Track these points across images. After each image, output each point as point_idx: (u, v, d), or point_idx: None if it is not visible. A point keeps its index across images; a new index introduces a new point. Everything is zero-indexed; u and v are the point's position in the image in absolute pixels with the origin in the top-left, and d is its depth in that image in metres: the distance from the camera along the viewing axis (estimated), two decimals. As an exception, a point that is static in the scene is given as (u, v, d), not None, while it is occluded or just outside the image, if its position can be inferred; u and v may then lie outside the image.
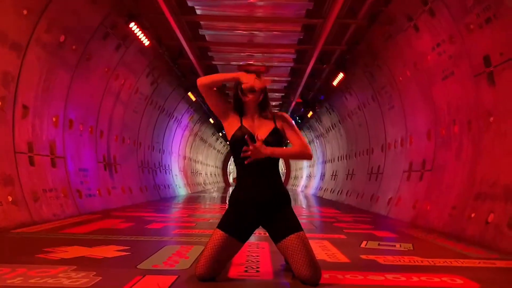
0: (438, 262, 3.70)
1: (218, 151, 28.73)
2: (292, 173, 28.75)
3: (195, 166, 20.70)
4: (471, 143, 5.72)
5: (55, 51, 6.24)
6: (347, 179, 13.06)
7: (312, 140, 19.31)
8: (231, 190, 2.85)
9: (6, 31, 5.18)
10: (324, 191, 15.99)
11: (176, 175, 15.64)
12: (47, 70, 6.17)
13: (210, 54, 10.19)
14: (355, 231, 5.78)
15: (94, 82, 7.73)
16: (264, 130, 2.94)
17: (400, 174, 8.25)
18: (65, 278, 2.76)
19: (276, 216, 2.87)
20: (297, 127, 3.05)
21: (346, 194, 12.35)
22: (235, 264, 3.30)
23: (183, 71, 11.05)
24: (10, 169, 5.39)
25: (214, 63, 10.91)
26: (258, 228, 2.95)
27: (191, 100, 12.90)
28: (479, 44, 5.29)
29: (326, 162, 17.42)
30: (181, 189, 15.56)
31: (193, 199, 12.95)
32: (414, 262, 3.69)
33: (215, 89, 2.99)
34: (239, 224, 2.85)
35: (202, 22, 8.27)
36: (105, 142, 8.71)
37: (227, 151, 32.37)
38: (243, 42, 9.37)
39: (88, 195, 7.45)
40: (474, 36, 5.32)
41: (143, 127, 11.07)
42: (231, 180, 35.31)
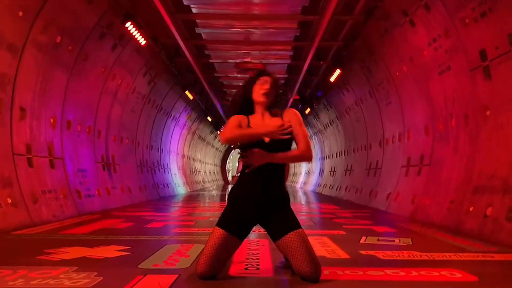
0: (437, 256, 3.73)
1: (217, 149, 28.72)
2: (291, 169, 28.79)
3: (193, 164, 20.70)
4: (468, 137, 5.75)
5: (52, 52, 6.23)
6: (345, 175, 13.09)
7: (311, 137, 19.33)
8: (230, 187, 2.87)
9: (2, 33, 5.17)
10: (323, 187, 16.02)
11: (175, 174, 15.64)
12: (44, 71, 6.16)
13: (206, 52, 10.20)
14: (354, 226, 5.80)
15: (91, 82, 7.72)
16: None
17: (399, 169, 8.27)
18: (66, 279, 2.77)
19: (274, 215, 2.89)
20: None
21: (345, 190, 12.39)
22: (236, 262, 3.31)
23: (180, 70, 11.05)
24: (9, 171, 5.39)
25: (211, 61, 10.93)
26: (256, 225, 2.97)
27: (189, 98, 12.90)
28: (474, 38, 5.30)
29: (324, 158, 17.45)
30: (180, 187, 15.57)
31: (192, 198, 12.96)
32: (413, 256, 3.72)
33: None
34: (238, 222, 2.87)
35: (198, 21, 8.26)
36: (103, 142, 8.71)
37: (225, 149, 32.37)
38: (240, 39, 9.37)
39: (88, 196, 7.45)
40: (470, 30, 5.34)
41: (141, 126, 11.06)
42: (230, 177, 35.32)
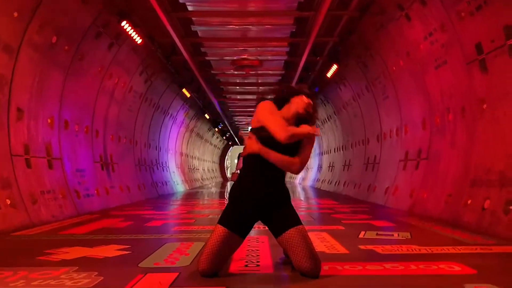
0: (436, 249, 3.75)
1: (215, 146, 28.71)
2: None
3: (192, 162, 20.70)
4: (465, 131, 5.77)
5: (48, 52, 6.21)
6: (344, 170, 13.12)
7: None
8: (229, 184, 2.87)
9: (-3, 34, 5.15)
10: (322, 182, 16.05)
11: (174, 172, 15.65)
12: (40, 72, 6.15)
13: (203, 50, 10.18)
14: (353, 221, 5.83)
15: (88, 82, 7.71)
16: None
17: (396, 164, 8.30)
18: (67, 279, 2.78)
19: (275, 212, 2.90)
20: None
21: (344, 185, 12.42)
22: (236, 259, 3.33)
23: (176, 68, 11.03)
24: (7, 172, 5.38)
25: (208, 58, 10.91)
26: (257, 222, 2.98)
27: (186, 96, 12.88)
28: (470, 31, 5.31)
29: (323, 153, 17.48)
30: (179, 185, 15.57)
31: (191, 195, 12.97)
32: (412, 250, 3.74)
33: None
34: (239, 219, 2.88)
35: (194, 18, 8.25)
36: (101, 141, 8.70)
37: (223, 146, 32.37)
38: (236, 36, 9.36)
39: (86, 195, 7.45)
40: (466, 24, 5.34)
41: (138, 125, 11.05)
42: (229, 174, 35.32)
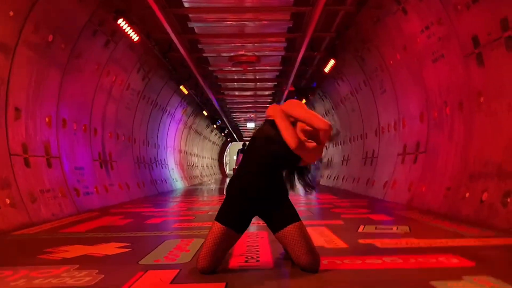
0: (434, 242, 3.78)
1: (214, 143, 28.71)
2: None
3: (191, 159, 20.70)
4: (463, 124, 5.78)
5: (44, 51, 6.19)
6: (342, 164, 13.14)
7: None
8: (228, 181, 2.86)
9: (-7, 34, 5.14)
10: (320, 177, 16.08)
11: (173, 169, 15.65)
12: (37, 71, 6.13)
13: (200, 46, 10.16)
14: (352, 216, 5.85)
15: (85, 80, 7.69)
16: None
17: (395, 157, 8.32)
18: (68, 278, 2.79)
19: (273, 208, 2.90)
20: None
21: (342, 180, 12.44)
22: (235, 255, 3.34)
23: (174, 65, 11.02)
24: (6, 171, 5.38)
25: (205, 55, 10.89)
26: (254, 217, 2.98)
27: (184, 93, 12.87)
28: (467, 24, 5.32)
29: (321, 148, 17.46)
30: (178, 182, 15.59)
31: (191, 192, 12.99)
32: (411, 244, 3.76)
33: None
34: (237, 216, 2.88)
35: (190, 15, 8.23)
36: (99, 139, 8.69)
37: (222, 142, 32.38)
38: (233, 32, 9.34)
39: (86, 194, 7.46)
40: (462, 17, 5.34)
41: (136, 122, 11.04)
42: (228, 171, 35.35)
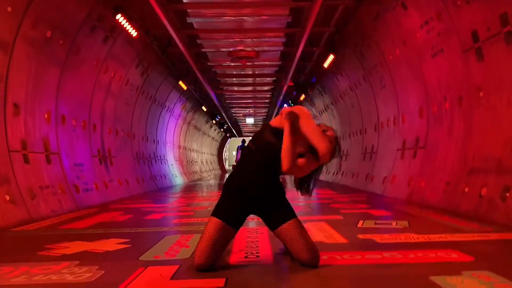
0: (434, 238, 3.79)
1: (213, 138, 28.71)
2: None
3: (190, 154, 20.70)
4: (462, 119, 5.78)
5: (43, 47, 6.17)
6: (342, 159, 13.15)
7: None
8: (227, 176, 2.86)
9: (-9, 30, 5.12)
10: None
11: (172, 165, 15.66)
12: (35, 67, 6.11)
13: (199, 41, 10.13)
14: (352, 211, 5.86)
15: (84, 76, 7.67)
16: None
17: (394, 153, 8.32)
18: (68, 274, 2.80)
19: (269, 206, 2.89)
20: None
21: (342, 175, 12.46)
22: (235, 251, 3.35)
23: (172, 60, 10.99)
24: (5, 168, 5.38)
25: (204, 50, 10.86)
26: (250, 215, 2.96)
27: (183, 89, 12.84)
28: (466, 19, 5.30)
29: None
30: (177, 178, 15.59)
31: (190, 188, 13.00)
32: (410, 239, 3.77)
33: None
34: (233, 212, 2.86)
35: (189, 10, 8.20)
36: (98, 135, 8.68)
37: (221, 138, 32.37)
38: (232, 28, 9.31)
39: (85, 190, 7.46)
40: (462, 12, 5.33)
41: (135, 118, 11.03)
42: (227, 166, 35.34)
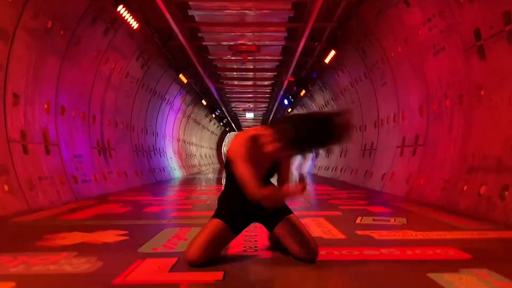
0: (432, 235, 3.80)
1: (212, 132, 28.71)
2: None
3: (189, 148, 20.70)
4: (463, 117, 5.78)
5: (43, 37, 6.15)
6: (341, 156, 13.16)
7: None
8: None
9: (-8, 19, 5.09)
10: (319, 168, 16.11)
11: (171, 158, 15.66)
12: (36, 57, 6.09)
13: (200, 34, 10.10)
14: (350, 207, 5.87)
15: (84, 67, 7.65)
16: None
17: (393, 150, 8.33)
18: (67, 265, 2.80)
19: (271, 212, 2.86)
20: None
21: (341, 171, 12.47)
22: (234, 245, 3.35)
23: (173, 53, 10.95)
24: (4, 158, 5.37)
25: (205, 43, 10.83)
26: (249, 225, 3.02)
27: (183, 82, 12.81)
28: (469, 18, 5.29)
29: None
30: (176, 171, 15.60)
31: (189, 181, 13.01)
32: (409, 236, 3.78)
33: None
34: (234, 217, 2.87)
35: (191, 3, 8.16)
36: (98, 127, 8.67)
37: (221, 132, 32.35)
38: (234, 21, 9.27)
39: (84, 181, 7.46)
40: (464, 9, 5.31)
41: (135, 110, 11.01)
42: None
